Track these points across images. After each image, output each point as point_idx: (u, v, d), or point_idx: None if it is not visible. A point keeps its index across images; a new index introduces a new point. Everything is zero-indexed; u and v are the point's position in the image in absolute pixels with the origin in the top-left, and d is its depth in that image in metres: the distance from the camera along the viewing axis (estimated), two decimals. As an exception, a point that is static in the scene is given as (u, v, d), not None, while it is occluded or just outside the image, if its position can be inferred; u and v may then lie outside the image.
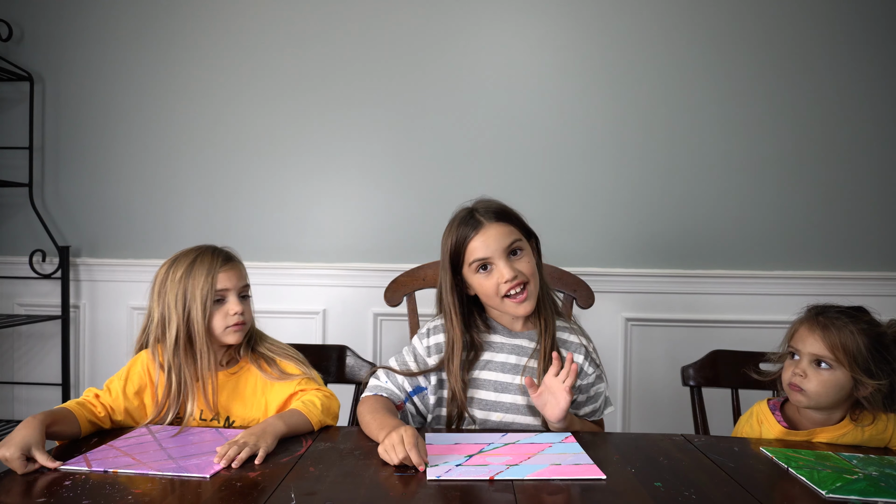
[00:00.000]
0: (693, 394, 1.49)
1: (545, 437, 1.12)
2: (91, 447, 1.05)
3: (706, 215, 2.03)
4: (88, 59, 2.15)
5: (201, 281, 1.18)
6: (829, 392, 1.13)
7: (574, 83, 2.05)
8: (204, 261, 1.20)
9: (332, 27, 2.08)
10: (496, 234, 1.20)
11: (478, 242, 1.20)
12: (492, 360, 1.25)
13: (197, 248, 1.23)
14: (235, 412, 1.23)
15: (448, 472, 0.94)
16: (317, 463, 0.99)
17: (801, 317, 1.20)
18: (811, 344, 1.14)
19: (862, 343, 1.11)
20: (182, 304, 1.17)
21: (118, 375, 1.23)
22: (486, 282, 1.20)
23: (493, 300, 1.22)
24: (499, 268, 1.19)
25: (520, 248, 1.22)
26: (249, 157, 2.12)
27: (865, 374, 1.11)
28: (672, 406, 1.94)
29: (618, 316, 2.03)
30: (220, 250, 1.24)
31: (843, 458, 1.06)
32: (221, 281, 1.19)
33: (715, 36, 2.01)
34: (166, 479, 0.92)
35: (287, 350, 1.30)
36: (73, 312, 2.16)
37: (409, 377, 1.24)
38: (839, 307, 1.17)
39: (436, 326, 1.29)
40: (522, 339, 1.26)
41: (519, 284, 1.19)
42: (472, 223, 1.21)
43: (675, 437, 1.15)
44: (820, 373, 1.13)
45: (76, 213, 2.17)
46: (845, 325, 1.13)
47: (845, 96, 2.00)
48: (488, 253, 1.19)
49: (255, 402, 1.24)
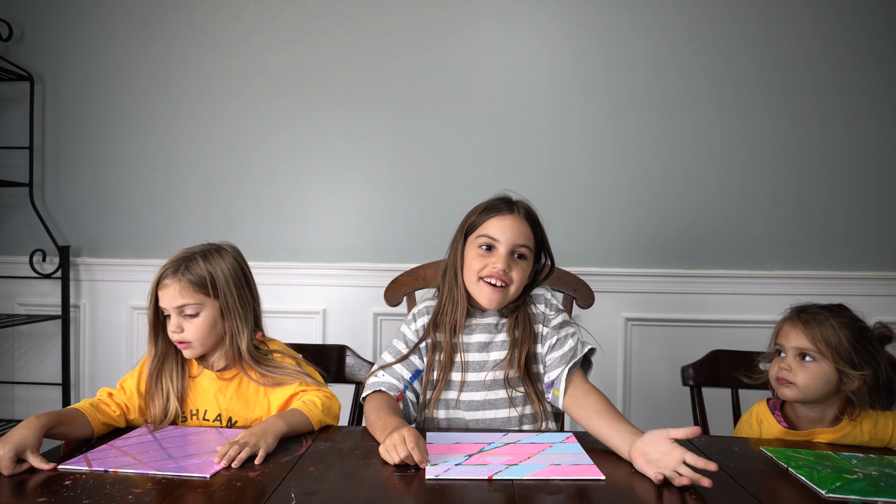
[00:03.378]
0: (693, 393, 1.49)
1: (546, 437, 1.12)
2: (91, 447, 1.05)
3: (706, 215, 2.03)
4: (88, 59, 2.15)
5: (149, 292, 1.19)
6: (816, 384, 1.16)
7: (573, 83, 2.05)
8: (160, 270, 1.19)
9: (333, 27, 2.08)
10: (518, 228, 1.23)
11: (497, 223, 1.23)
12: (468, 342, 1.28)
13: (180, 252, 1.22)
14: (238, 413, 1.23)
15: (447, 472, 0.94)
16: (317, 463, 0.99)
17: (785, 316, 1.25)
18: (794, 338, 1.18)
19: (843, 336, 1.15)
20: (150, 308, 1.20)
21: (132, 373, 1.23)
22: (478, 259, 1.23)
23: (471, 277, 1.24)
24: (497, 254, 1.22)
25: (523, 257, 1.24)
26: (250, 156, 2.12)
27: (849, 366, 1.14)
28: (672, 406, 1.94)
29: (618, 316, 2.03)
30: (180, 259, 1.19)
31: (842, 457, 1.06)
32: (161, 297, 1.18)
33: (715, 35, 2.02)
34: (167, 478, 0.92)
35: (284, 358, 1.27)
36: (73, 312, 2.16)
37: (406, 363, 1.27)
38: (820, 305, 1.22)
39: (420, 310, 1.33)
40: (491, 318, 1.29)
41: (502, 280, 1.21)
42: (505, 206, 1.26)
43: (674, 437, 1.15)
44: (805, 366, 1.17)
45: (76, 212, 2.17)
46: (826, 319, 1.17)
47: (844, 96, 2.00)
48: (500, 237, 1.22)
49: (258, 402, 1.24)
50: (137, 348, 2.12)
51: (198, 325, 1.18)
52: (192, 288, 1.17)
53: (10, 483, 0.91)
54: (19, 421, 2.10)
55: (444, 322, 1.27)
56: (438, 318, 1.28)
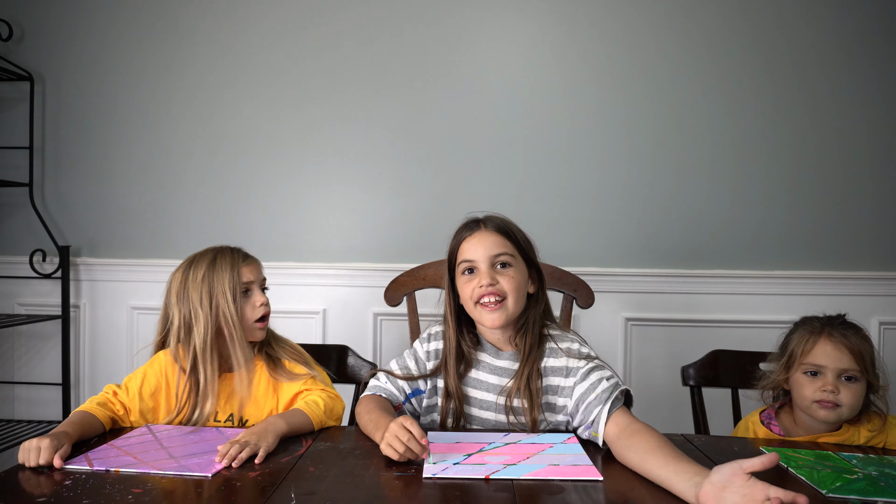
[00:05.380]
0: (693, 394, 1.49)
1: (547, 437, 1.12)
2: (92, 446, 1.05)
3: (706, 215, 2.03)
4: (89, 59, 2.15)
5: (226, 275, 1.21)
6: (859, 403, 1.17)
7: (572, 82, 2.05)
8: (225, 257, 1.24)
9: (333, 25, 2.08)
10: (489, 241, 1.20)
11: (468, 245, 1.21)
12: (477, 378, 1.25)
13: (212, 248, 1.27)
14: (248, 412, 1.25)
15: (445, 471, 0.94)
16: (317, 463, 0.99)
17: (805, 332, 1.21)
18: (838, 360, 1.16)
19: (870, 349, 1.17)
20: (209, 300, 1.19)
21: (135, 375, 1.24)
22: (466, 286, 1.20)
23: (469, 305, 1.21)
24: (480, 273, 1.19)
25: (508, 264, 1.20)
26: (250, 156, 2.12)
27: (876, 378, 1.16)
28: (672, 406, 1.94)
29: (618, 316, 2.03)
30: (236, 248, 1.28)
31: (842, 457, 1.06)
32: (245, 274, 1.24)
33: (720, 30, 2.01)
34: (167, 478, 0.92)
35: (294, 352, 1.31)
36: (73, 312, 2.16)
37: (409, 380, 1.26)
38: (834, 317, 1.22)
39: (437, 332, 1.30)
40: (506, 361, 1.24)
41: (494, 294, 1.17)
42: (471, 227, 1.24)
43: (675, 437, 1.14)
44: (849, 386, 1.16)
45: (76, 212, 2.17)
46: (856, 334, 1.17)
47: (848, 95, 2.00)
48: (475, 256, 1.20)
49: (267, 401, 1.25)
50: (137, 348, 2.12)
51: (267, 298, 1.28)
52: None
53: (10, 482, 0.91)
54: (19, 422, 2.12)
55: (451, 368, 1.24)
56: (445, 361, 1.25)
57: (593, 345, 1.27)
